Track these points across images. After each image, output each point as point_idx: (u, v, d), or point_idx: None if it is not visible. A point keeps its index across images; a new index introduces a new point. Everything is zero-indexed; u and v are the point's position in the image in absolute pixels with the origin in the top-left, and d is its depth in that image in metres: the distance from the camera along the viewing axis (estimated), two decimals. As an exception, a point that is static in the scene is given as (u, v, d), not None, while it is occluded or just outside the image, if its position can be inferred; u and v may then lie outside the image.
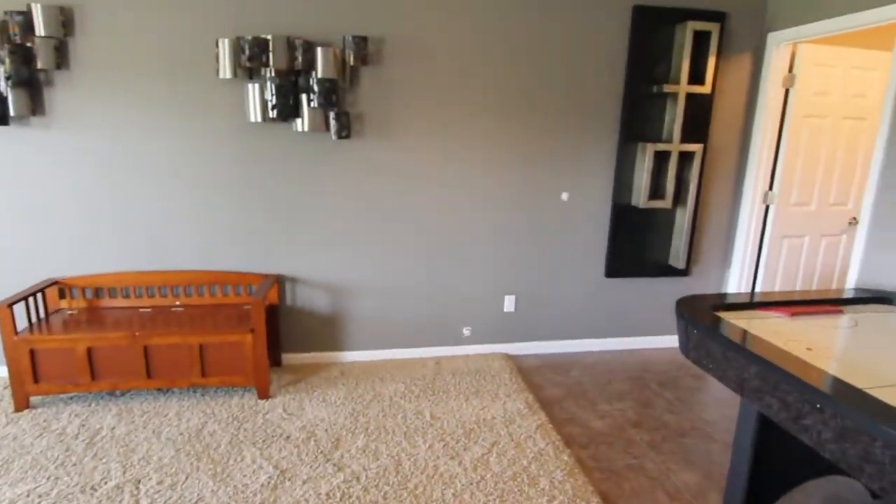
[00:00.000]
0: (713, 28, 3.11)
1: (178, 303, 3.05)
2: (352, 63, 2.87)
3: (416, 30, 2.97)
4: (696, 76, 3.20)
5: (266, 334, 2.78)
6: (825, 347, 1.75)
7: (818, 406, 1.42)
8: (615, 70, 3.21)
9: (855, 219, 3.58)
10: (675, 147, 3.22)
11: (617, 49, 3.18)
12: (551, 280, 3.49)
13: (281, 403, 2.78)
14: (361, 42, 2.86)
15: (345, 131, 2.94)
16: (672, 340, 3.75)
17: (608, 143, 3.32)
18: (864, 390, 1.42)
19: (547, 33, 3.09)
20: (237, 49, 2.76)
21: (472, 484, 2.18)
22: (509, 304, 3.48)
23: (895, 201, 2.55)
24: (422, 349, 3.44)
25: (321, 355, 3.32)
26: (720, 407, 2.94)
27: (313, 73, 2.83)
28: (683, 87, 3.14)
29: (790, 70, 3.25)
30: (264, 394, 2.82)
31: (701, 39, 3.15)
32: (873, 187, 2.65)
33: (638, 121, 3.26)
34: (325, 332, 3.30)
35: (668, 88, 3.12)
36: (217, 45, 2.75)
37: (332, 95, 2.85)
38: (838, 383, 1.44)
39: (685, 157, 3.33)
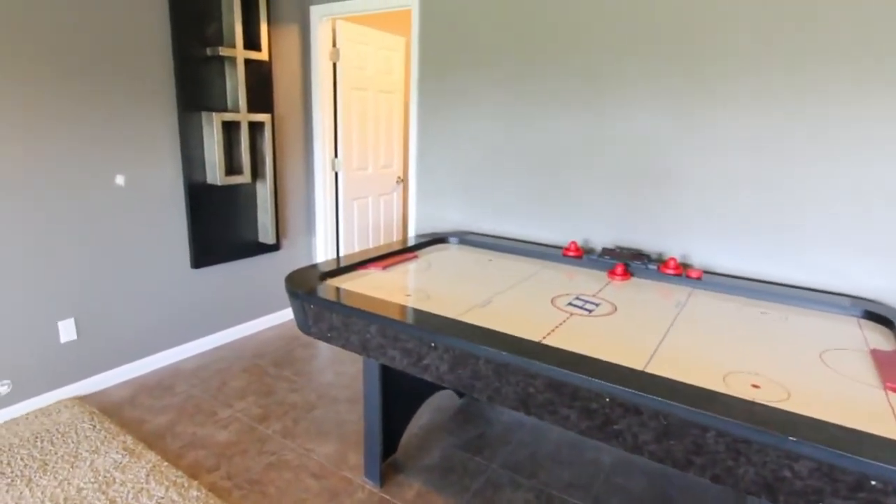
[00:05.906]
0: (258, -9, 2.99)
1: None
2: None
3: None
4: (251, 41, 3.03)
5: None
6: (418, 289, 1.97)
7: (433, 345, 1.56)
8: (158, 26, 2.68)
9: (400, 178, 4.30)
10: (244, 117, 3.01)
11: (155, 2, 2.66)
12: (123, 286, 2.79)
13: None
14: None
15: None
16: (278, 317, 3.67)
17: (167, 114, 2.79)
18: (458, 319, 1.64)
19: (44, -39, 2.27)
20: None
21: None
22: (67, 330, 2.60)
23: (428, 165, 3.13)
24: (-82, 439, 2.19)
25: None
26: (333, 366, 3.07)
27: None
28: (240, 52, 2.92)
29: (334, 44, 3.49)
30: None
31: (249, 2, 2.98)
32: (414, 153, 3.18)
33: (197, 87, 2.86)
34: None
35: (224, 52, 2.83)
36: None
37: None
38: (439, 319, 1.62)
39: (256, 128, 3.17)
